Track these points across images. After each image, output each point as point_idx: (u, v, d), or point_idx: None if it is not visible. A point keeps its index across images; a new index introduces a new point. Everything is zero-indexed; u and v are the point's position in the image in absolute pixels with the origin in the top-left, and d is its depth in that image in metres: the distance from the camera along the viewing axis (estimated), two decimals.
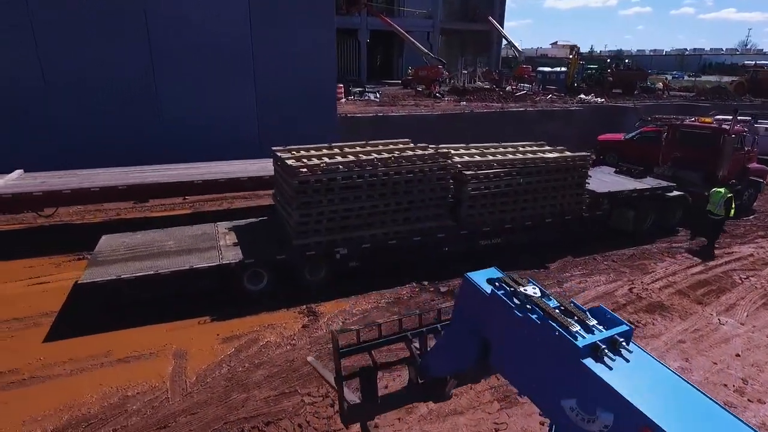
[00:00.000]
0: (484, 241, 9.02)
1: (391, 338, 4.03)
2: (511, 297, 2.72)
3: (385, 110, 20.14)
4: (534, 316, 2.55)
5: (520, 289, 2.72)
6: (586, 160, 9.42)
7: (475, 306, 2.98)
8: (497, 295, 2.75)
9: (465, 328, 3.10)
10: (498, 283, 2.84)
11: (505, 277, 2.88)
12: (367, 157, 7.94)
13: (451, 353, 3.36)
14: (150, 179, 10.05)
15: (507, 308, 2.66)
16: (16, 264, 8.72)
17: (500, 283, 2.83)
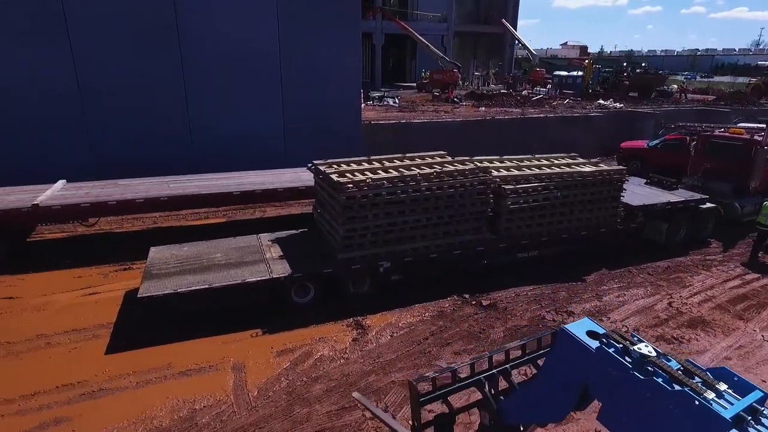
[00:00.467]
0: (522, 253, 9.15)
1: (465, 383, 3.98)
2: (623, 355, 2.68)
3: (406, 116, 20.30)
4: (659, 379, 2.48)
5: (634, 347, 2.67)
6: (621, 173, 9.51)
7: (575, 361, 2.92)
8: (608, 353, 2.70)
9: (559, 381, 3.07)
10: (605, 339, 2.81)
11: (612, 333, 2.86)
12: (411, 172, 8.09)
13: (539, 405, 3.31)
14: (190, 190, 10.28)
15: (622, 368, 2.61)
16: (65, 274, 8.98)
17: (608, 339, 2.81)
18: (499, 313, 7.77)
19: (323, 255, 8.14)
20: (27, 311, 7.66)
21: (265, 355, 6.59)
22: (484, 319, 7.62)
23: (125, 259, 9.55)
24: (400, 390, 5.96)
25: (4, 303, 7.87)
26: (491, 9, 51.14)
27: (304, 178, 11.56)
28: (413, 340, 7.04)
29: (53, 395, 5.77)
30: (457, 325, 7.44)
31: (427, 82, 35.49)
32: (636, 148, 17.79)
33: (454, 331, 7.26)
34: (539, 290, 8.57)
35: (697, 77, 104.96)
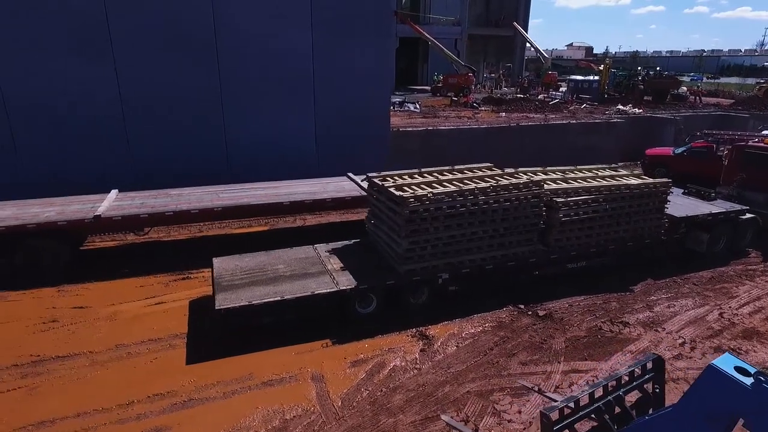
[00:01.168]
0: (571, 264, 9.39)
1: (587, 411, 4.18)
2: None
3: (430, 122, 20.52)
4: None
5: None
6: (667, 186, 9.73)
7: (724, 396, 3.12)
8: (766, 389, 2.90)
9: (702, 415, 3.26)
10: (762, 377, 2.99)
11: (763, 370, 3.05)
12: (468, 186, 8.33)
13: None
14: (242, 200, 10.53)
15: None
16: (127, 283, 9.25)
17: (761, 376, 2.99)
18: (557, 324, 8.01)
19: (383, 266, 8.39)
20: (100, 321, 7.92)
21: (341, 366, 6.84)
22: (543, 329, 7.85)
23: (181, 268, 9.82)
24: (477, 400, 6.20)
25: (76, 312, 8.14)
26: (502, 12, 51.39)
27: (347, 188, 11.84)
28: (479, 350, 7.28)
29: (147, 405, 6.02)
30: (518, 335, 7.67)
31: (442, 86, 35.68)
32: (662, 155, 17.96)
33: (517, 342, 7.49)
34: (590, 300, 8.80)
35: (703, 78, 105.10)
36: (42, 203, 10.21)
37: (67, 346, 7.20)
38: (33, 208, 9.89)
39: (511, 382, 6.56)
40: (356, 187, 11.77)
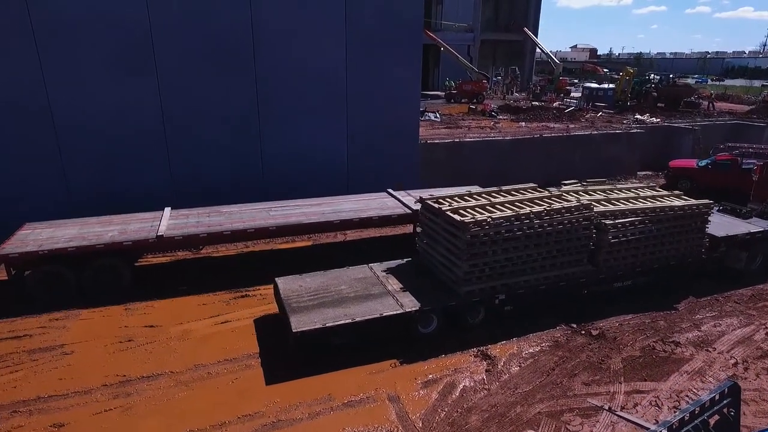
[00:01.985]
0: (617, 283, 9.71)
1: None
2: None
3: (454, 134, 20.86)
4: None
5: None
6: (708, 207, 10.06)
7: None
8: None
9: None
10: None
11: None
12: (524, 210, 8.66)
13: None
14: (293, 219, 10.87)
15: None
16: (189, 301, 9.59)
17: None
18: (610, 343, 8.33)
19: (440, 287, 8.72)
20: (173, 340, 8.26)
21: (413, 386, 7.17)
22: (599, 349, 8.18)
23: (237, 286, 10.16)
24: (549, 421, 6.53)
25: (148, 331, 8.48)
26: (512, 17, 51.73)
27: (390, 205, 12.17)
28: (541, 370, 7.61)
29: (239, 426, 6.36)
30: (575, 355, 8.00)
31: (457, 92, 36.05)
32: (686, 167, 18.26)
33: (576, 362, 7.82)
34: (639, 319, 9.12)
35: (708, 81, 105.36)
36: (101, 222, 10.56)
37: (148, 365, 7.54)
38: (94, 227, 10.23)
39: (578, 403, 6.89)
40: (399, 204, 12.10)
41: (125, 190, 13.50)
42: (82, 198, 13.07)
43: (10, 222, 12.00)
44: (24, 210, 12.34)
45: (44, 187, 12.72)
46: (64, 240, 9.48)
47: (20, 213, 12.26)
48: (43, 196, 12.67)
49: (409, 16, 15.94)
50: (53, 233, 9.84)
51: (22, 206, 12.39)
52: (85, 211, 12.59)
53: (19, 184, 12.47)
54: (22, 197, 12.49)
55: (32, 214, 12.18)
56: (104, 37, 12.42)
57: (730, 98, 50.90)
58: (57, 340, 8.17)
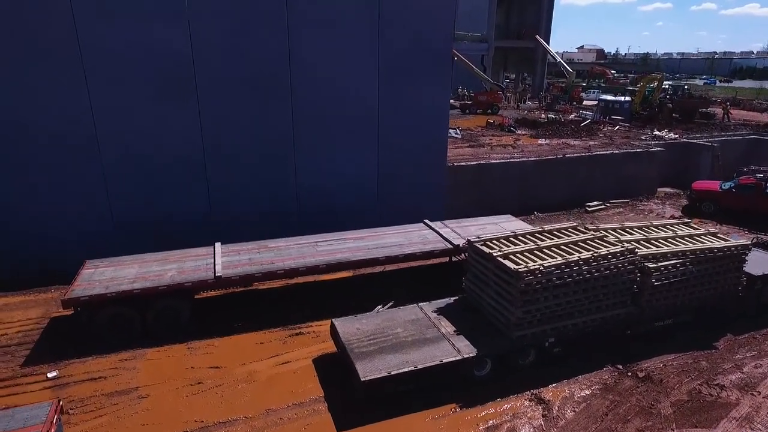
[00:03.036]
0: (658, 322, 10.08)
1: None
2: None
3: (477, 153, 21.19)
4: None
5: None
6: (746, 248, 10.39)
7: None
8: None
9: None
10: None
11: None
12: (572, 257, 9.02)
13: None
14: (340, 255, 11.27)
15: None
16: (246, 339, 10.02)
17: None
18: (657, 386, 8.70)
19: (491, 329, 9.11)
20: (240, 383, 8.68)
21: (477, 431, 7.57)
22: (647, 392, 8.55)
23: (290, 322, 10.60)
24: None
25: (215, 373, 8.91)
26: (523, 24, 51.88)
27: (430, 238, 12.54)
28: (595, 415, 7.99)
29: None
30: (625, 399, 8.38)
31: (472, 103, 36.36)
32: (709, 190, 18.50)
33: (627, 407, 8.20)
34: (681, 359, 9.49)
35: (716, 82, 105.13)
36: (158, 260, 10.98)
37: (222, 410, 7.96)
38: (153, 266, 10.65)
39: None
40: (439, 237, 12.48)
41: (167, 218, 13.98)
42: (125, 225, 13.55)
43: (59, 249, 12.61)
44: (72, 237, 12.94)
45: (90, 213, 13.17)
46: (127, 281, 9.91)
47: (68, 240, 12.88)
48: (89, 223, 13.14)
49: (439, 45, 16.30)
50: (115, 273, 10.27)
51: (70, 234, 12.93)
52: (128, 239, 13.21)
53: (66, 212, 12.91)
54: (70, 225, 12.97)
55: (80, 242, 12.87)
56: (148, 67, 12.84)
57: (741, 104, 51.07)
58: (131, 383, 8.61)
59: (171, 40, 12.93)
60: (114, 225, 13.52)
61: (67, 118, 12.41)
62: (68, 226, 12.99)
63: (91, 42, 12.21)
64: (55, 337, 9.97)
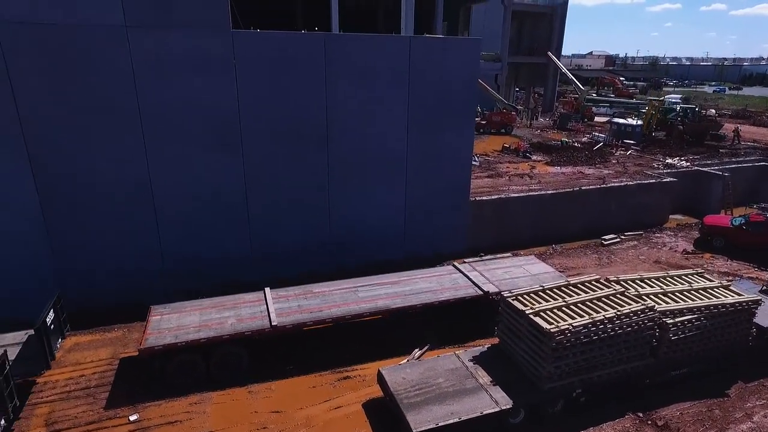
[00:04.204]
0: (674, 371, 11.04)
1: None
2: None
3: (497, 184, 22.13)
4: None
5: None
6: (757, 303, 11.32)
7: None
8: None
9: None
10: None
11: None
12: (599, 317, 10.00)
13: None
14: (380, 303, 12.32)
15: None
16: (299, 383, 11.08)
17: None
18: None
19: (524, 379, 10.11)
20: (300, 428, 9.75)
21: None
22: None
23: (336, 364, 11.66)
24: None
25: (277, 417, 9.98)
26: (534, 40, 52.67)
27: (461, 283, 13.55)
28: None
29: None
30: None
31: (486, 123, 37.26)
32: (720, 225, 19.34)
33: None
34: (696, 408, 10.45)
35: (726, 90, 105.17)
36: (215, 306, 12.07)
37: None
38: (211, 313, 11.75)
39: None
40: (469, 282, 13.48)
41: (212, 254, 15.14)
42: (175, 262, 14.70)
43: (116, 284, 13.85)
44: (127, 275, 14.12)
45: (143, 251, 14.33)
46: (193, 329, 11.01)
47: (124, 276, 14.09)
48: (142, 261, 14.33)
49: (464, 97, 17.37)
50: (180, 321, 11.37)
51: (126, 270, 14.14)
52: (178, 274, 14.45)
53: (122, 250, 14.09)
54: (125, 262, 14.16)
55: (133, 280, 14.07)
56: (198, 120, 14.02)
57: (752, 117, 51.58)
58: (204, 426, 9.69)
59: (220, 96, 14.08)
60: (164, 261, 14.66)
61: (124, 165, 13.57)
62: (124, 262, 14.16)
63: (148, 98, 13.36)
64: (128, 378, 11.07)
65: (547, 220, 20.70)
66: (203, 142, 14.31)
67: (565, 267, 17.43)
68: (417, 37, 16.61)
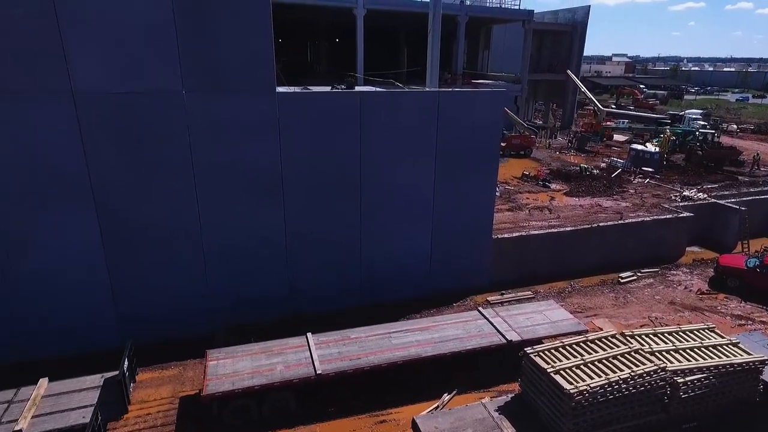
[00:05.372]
0: (685, 425, 12.00)
1: None
2: None
3: (517, 219, 23.14)
4: None
5: None
6: (764, 363, 12.21)
7: None
8: None
9: None
10: None
11: None
12: (614, 378, 11.04)
13: None
14: (413, 351, 13.52)
15: None
16: (341, 426, 12.34)
17: None
18: None
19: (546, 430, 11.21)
20: None
21: None
22: None
23: (372, 407, 12.88)
24: None
25: None
26: (554, 57, 53.33)
27: (486, 330, 14.67)
28: None
29: None
30: None
31: (506, 146, 38.15)
32: (735, 267, 20.03)
33: None
34: None
35: (750, 98, 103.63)
36: (264, 351, 13.39)
37: None
38: (261, 358, 13.08)
39: None
40: (494, 330, 14.60)
41: (254, 296, 16.57)
42: (219, 302, 16.15)
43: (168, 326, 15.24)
44: (179, 313, 15.62)
45: (192, 292, 15.81)
46: (247, 375, 12.36)
47: (176, 315, 15.61)
48: (192, 300, 15.82)
49: (488, 144, 18.45)
50: (234, 366, 12.72)
51: (178, 309, 15.64)
52: (222, 311, 15.94)
53: (174, 292, 15.59)
54: (177, 303, 15.67)
55: (184, 317, 15.54)
56: (244, 174, 15.43)
57: None
58: None
59: (264, 151, 15.47)
60: (210, 300, 16.11)
61: (178, 214, 15.05)
62: (176, 302, 15.68)
63: (201, 155, 14.79)
64: (190, 417, 12.46)
65: (565, 256, 21.66)
66: (248, 193, 15.70)
67: (583, 307, 18.39)
68: (445, 91, 17.76)
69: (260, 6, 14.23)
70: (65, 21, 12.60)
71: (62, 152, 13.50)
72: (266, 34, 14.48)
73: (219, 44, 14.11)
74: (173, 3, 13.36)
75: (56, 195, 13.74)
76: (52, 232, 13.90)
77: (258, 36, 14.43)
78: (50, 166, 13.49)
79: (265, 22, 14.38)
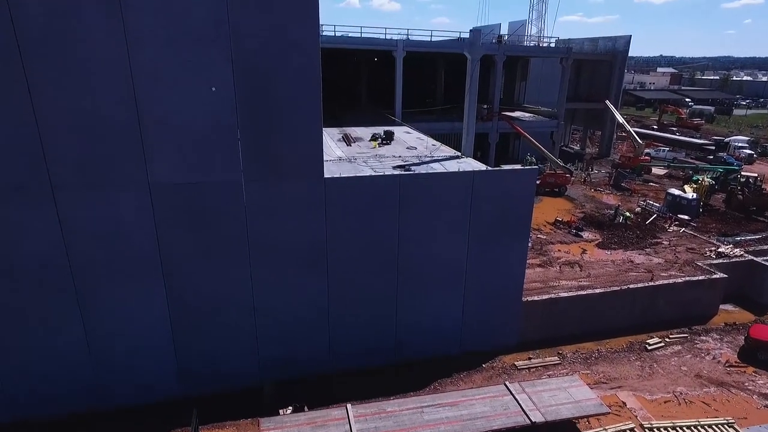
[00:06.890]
0: None
1: None
2: None
3: (546, 276, 23.93)
4: None
5: None
6: None
7: None
8: None
9: None
10: None
11: None
12: None
13: None
14: (443, 428, 14.78)
15: None
16: None
17: None
18: None
19: None
20: None
21: None
22: None
23: None
24: None
25: None
26: (592, 86, 52.92)
27: (512, 409, 15.70)
28: None
29: None
30: None
31: (540, 183, 38.64)
32: (765, 340, 20.16)
33: None
34: None
35: None
36: (309, 422, 14.93)
37: None
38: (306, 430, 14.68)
39: None
40: (519, 409, 15.66)
41: (297, 357, 18.29)
42: (267, 361, 17.91)
43: (222, 383, 17.06)
44: (233, 372, 17.47)
45: (245, 353, 17.65)
46: None
47: (230, 375, 17.42)
48: (245, 361, 17.67)
49: (520, 213, 19.44)
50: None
51: (233, 369, 17.50)
52: (270, 370, 17.65)
53: (229, 355, 17.47)
54: (233, 363, 17.53)
55: (236, 376, 17.41)
56: (294, 250, 17.05)
57: None
58: None
59: (312, 229, 17.05)
60: (259, 360, 17.91)
61: (235, 286, 16.85)
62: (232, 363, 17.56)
63: (257, 234, 16.51)
64: None
65: (594, 317, 22.32)
66: (296, 266, 17.36)
67: (608, 377, 19.12)
68: (480, 171, 18.89)
69: (313, 111, 15.82)
70: (146, 123, 14.50)
71: (139, 233, 15.54)
72: (316, 131, 16.10)
73: (277, 142, 15.79)
74: (238, 107, 15.10)
75: (133, 270, 15.80)
76: (130, 302, 16.02)
77: (310, 134, 16.06)
78: (131, 246, 15.54)
79: (316, 125, 16.01)
